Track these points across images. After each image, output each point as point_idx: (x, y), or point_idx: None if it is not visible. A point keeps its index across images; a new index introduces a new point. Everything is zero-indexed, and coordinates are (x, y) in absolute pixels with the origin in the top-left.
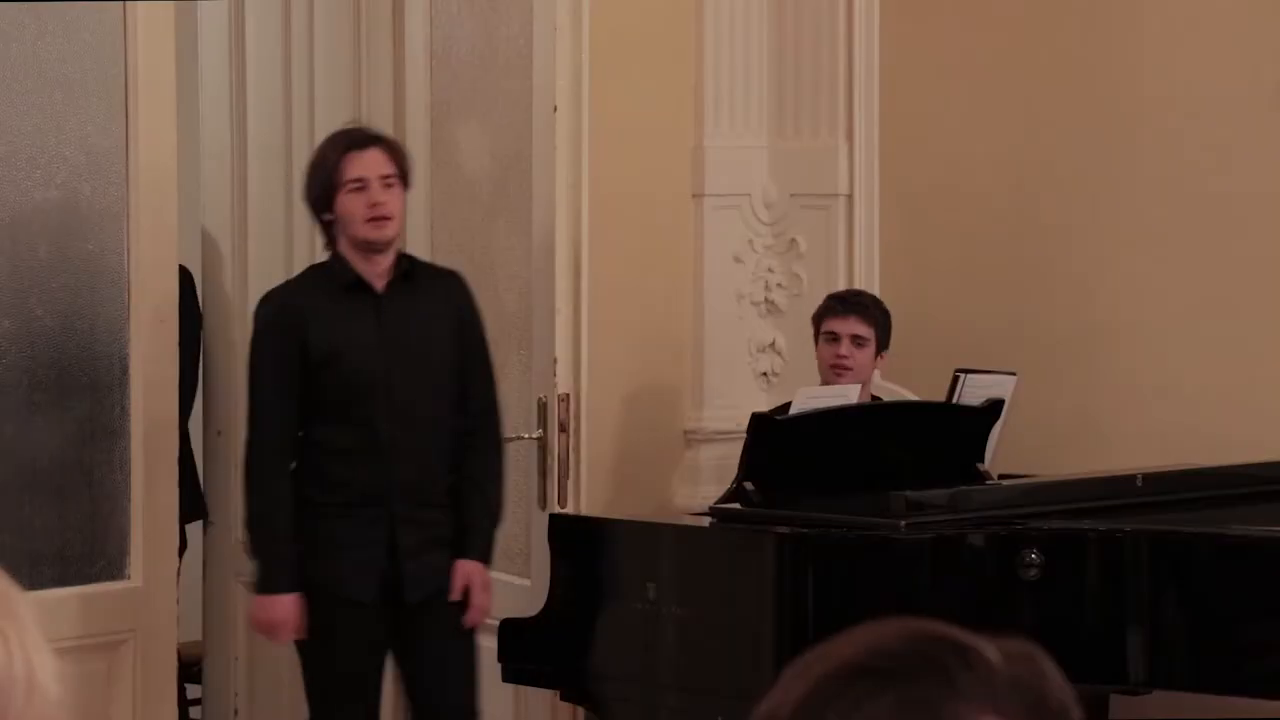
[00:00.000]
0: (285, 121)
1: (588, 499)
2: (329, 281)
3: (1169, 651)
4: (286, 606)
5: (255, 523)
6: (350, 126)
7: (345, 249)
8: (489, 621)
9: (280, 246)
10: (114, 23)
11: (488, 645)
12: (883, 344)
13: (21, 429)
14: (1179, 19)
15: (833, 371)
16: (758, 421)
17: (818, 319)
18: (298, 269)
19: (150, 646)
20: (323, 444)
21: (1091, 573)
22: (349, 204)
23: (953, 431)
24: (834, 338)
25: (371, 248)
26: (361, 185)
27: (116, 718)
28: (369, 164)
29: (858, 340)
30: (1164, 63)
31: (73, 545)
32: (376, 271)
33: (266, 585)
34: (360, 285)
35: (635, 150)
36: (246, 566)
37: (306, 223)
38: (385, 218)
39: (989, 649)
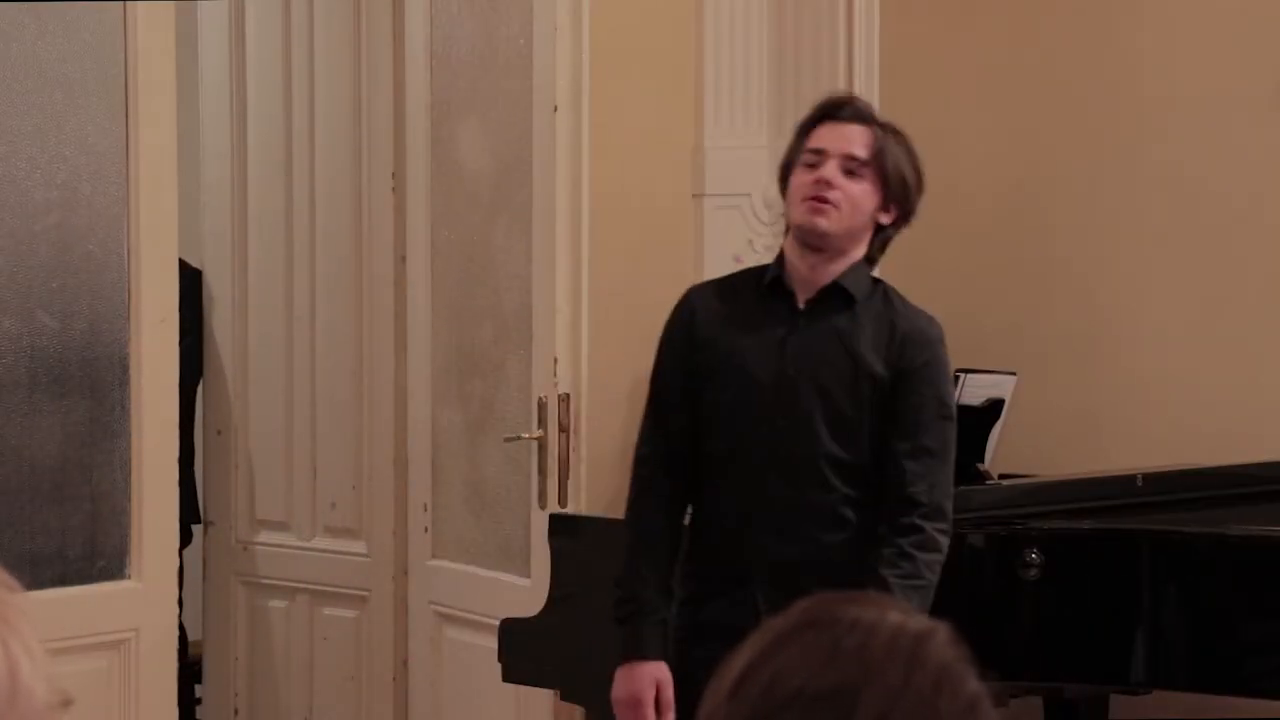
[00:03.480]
0: (285, 121)
1: (588, 499)
2: (753, 279)
3: (1169, 651)
4: (649, 677)
5: (626, 555)
6: (843, 95)
7: (788, 242)
8: (489, 621)
9: (280, 246)
10: (114, 23)
11: (488, 645)
12: None
13: (21, 429)
14: (1179, 19)
15: None
16: None
17: None
18: (298, 269)
19: (150, 646)
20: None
21: (1091, 573)
22: (797, 178)
23: None
24: None
25: (806, 238)
26: (818, 160)
27: (116, 718)
28: (840, 138)
29: None
30: (1164, 63)
31: (73, 545)
32: (807, 278)
33: (629, 649)
34: (779, 288)
35: (635, 150)
36: (246, 566)
37: (306, 222)
38: (824, 200)
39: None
